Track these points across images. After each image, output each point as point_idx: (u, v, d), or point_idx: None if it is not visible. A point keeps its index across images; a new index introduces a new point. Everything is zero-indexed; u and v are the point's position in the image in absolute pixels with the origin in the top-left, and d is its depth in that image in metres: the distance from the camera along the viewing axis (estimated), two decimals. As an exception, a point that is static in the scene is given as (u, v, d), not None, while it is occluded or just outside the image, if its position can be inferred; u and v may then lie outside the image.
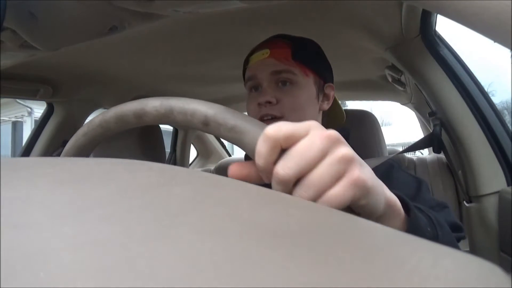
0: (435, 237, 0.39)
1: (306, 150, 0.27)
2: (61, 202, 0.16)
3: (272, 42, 0.76)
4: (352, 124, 1.06)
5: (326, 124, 0.82)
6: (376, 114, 1.10)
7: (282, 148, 0.28)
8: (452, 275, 0.13)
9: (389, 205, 0.32)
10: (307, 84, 0.74)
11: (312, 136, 0.28)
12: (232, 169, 0.31)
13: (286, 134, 0.27)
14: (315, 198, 0.27)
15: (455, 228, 0.53)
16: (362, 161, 0.30)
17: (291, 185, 0.28)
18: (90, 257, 0.12)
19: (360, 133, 1.05)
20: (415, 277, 0.13)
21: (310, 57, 0.76)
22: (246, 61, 0.80)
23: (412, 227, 0.35)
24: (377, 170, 0.71)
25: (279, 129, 0.27)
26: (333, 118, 0.86)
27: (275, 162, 0.28)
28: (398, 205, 0.34)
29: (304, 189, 0.27)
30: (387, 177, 0.70)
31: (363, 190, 0.28)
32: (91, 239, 0.13)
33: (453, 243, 0.46)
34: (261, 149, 0.28)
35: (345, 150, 0.28)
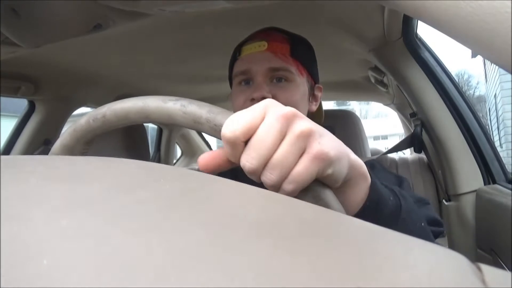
0: (398, 207, 0.39)
1: (264, 136, 0.27)
2: (54, 198, 0.17)
3: (269, 34, 0.71)
4: (335, 124, 1.08)
5: None
6: (373, 106, 1.12)
7: (244, 141, 0.28)
8: (421, 263, 0.14)
9: (354, 167, 0.33)
10: (301, 83, 0.70)
11: (268, 119, 0.28)
12: (201, 163, 0.31)
13: (243, 130, 0.28)
14: (281, 179, 0.28)
15: (435, 223, 0.54)
16: (323, 130, 0.30)
17: (261, 172, 0.28)
18: (82, 251, 0.13)
19: (344, 132, 1.06)
20: (387, 265, 0.14)
21: (306, 56, 0.73)
22: (237, 51, 0.73)
23: (374, 193, 0.36)
24: None
25: (234, 128, 0.28)
26: (313, 119, 0.87)
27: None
28: (364, 169, 0.35)
29: (269, 172, 0.28)
30: None
31: (326, 161, 0.28)
32: (83, 233, 0.14)
33: (417, 215, 0.44)
34: (227, 150, 0.29)
35: (303, 125, 0.28)
